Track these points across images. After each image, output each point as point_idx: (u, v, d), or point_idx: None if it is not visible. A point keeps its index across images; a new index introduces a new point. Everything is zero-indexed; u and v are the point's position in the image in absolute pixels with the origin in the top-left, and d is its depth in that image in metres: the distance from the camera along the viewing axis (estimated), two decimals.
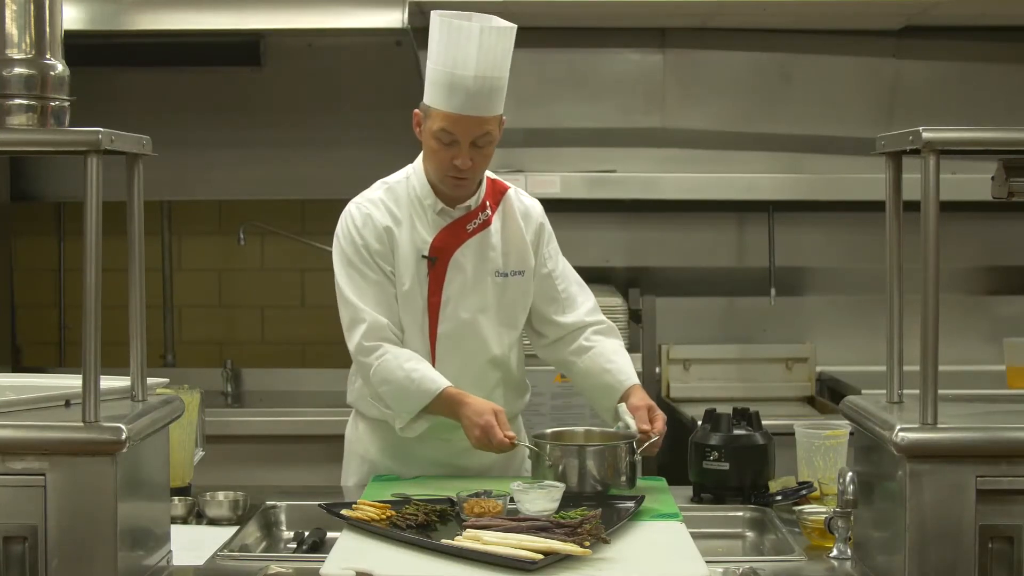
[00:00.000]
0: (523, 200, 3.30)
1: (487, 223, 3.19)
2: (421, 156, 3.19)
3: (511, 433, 2.99)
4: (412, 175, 3.20)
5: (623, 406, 3.12)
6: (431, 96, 3.05)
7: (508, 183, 3.31)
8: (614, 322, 4.46)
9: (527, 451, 3.10)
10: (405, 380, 3.07)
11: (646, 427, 3.03)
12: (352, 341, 3.13)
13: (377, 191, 3.22)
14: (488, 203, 3.20)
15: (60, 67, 2.37)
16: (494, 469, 3.25)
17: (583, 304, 3.33)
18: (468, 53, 2.98)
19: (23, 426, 2.24)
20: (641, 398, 3.14)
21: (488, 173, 3.26)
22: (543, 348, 3.36)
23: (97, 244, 2.24)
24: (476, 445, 3.00)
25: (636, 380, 3.21)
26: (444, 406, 3.05)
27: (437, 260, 3.13)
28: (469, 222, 3.17)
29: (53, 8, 2.36)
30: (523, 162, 5.07)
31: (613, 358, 3.24)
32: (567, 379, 3.44)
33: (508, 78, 3.07)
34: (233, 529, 2.82)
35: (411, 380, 3.06)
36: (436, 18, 3.02)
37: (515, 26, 3.05)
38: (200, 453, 3.14)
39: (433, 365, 3.16)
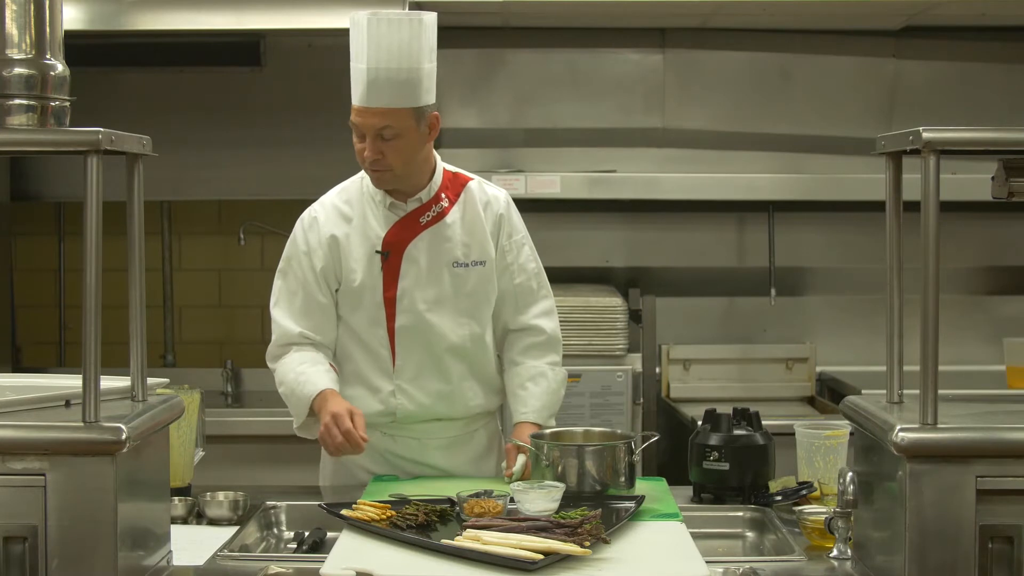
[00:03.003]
0: (486, 191, 3.29)
1: (442, 214, 3.21)
2: None
3: (363, 435, 2.96)
4: (366, 175, 3.23)
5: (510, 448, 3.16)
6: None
7: (471, 175, 3.31)
8: (614, 322, 4.53)
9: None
10: (294, 383, 3.13)
11: (508, 472, 3.09)
12: (268, 347, 3.24)
13: (331, 194, 3.29)
14: (444, 195, 3.22)
15: (60, 67, 2.37)
16: (469, 469, 3.26)
17: (535, 305, 3.32)
18: (362, 45, 3.00)
19: (23, 426, 2.24)
20: (516, 437, 3.16)
21: (447, 166, 3.28)
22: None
23: (97, 244, 2.24)
24: (322, 442, 3.00)
25: (531, 416, 3.22)
26: (319, 407, 3.07)
27: (390, 254, 3.17)
28: (422, 215, 3.19)
29: (53, 8, 2.36)
30: (523, 162, 5.07)
31: (527, 384, 3.26)
32: (568, 379, 3.45)
33: (418, 71, 3.04)
34: (233, 529, 2.82)
35: (298, 383, 3.12)
36: (350, 18, 3.05)
37: (419, 16, 3.02)
38: (200, 453, 3.14)
39: (393, 359, 3.19)
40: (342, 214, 3.22)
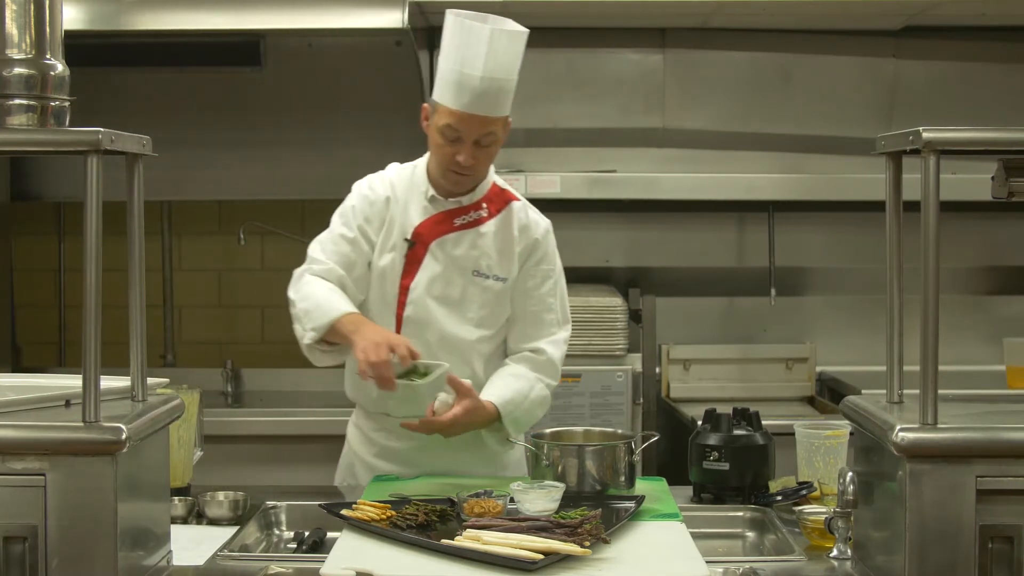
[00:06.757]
0: (529, 215, 3.30)
1: (478, 222, 3.22)
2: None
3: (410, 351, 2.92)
4: (419, 165, 3.27)
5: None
6: (440, 93, 3.10)
7: (519, 196, 3.32)
8: (614, 322, 4.53)
9: (523, 451, 3.12)
10: (321, 297, 3.12)
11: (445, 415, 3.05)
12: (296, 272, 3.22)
13: (387, 170, 3.31)
14: (486, 205, 3.24)
15: (60, 67, 2.37)
16: (484, 469, 3.24)
17: (544, 336, 3.26)
18: (477, 54, 3.03)
19: (23, 426, 2.24)
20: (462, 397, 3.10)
21: (499, 181, 3.30)
22: None
23: (97, 244, 2.24)
24: (360, 368, 2.92)
25: (493, 399, 3.12)
26: (345, 328, 3.04)
27: (416, 244, 3.19)
28: (458, 216, 3.21)
29: (53, 8, 2.36)
30: (523, 162, 5.07)
31: (506, 376, 3.20)
32: (567, 379, 3.45)
33: (516, 81, 3.12)
34: (233, 529, 2.82)
35: (326, 298, 3.10)
36: (450, 17, 3.08)
37: (527, 31, 3.11)
38: (198, 453, 3.14)
39: None
40: (393, 190, 3.22)
